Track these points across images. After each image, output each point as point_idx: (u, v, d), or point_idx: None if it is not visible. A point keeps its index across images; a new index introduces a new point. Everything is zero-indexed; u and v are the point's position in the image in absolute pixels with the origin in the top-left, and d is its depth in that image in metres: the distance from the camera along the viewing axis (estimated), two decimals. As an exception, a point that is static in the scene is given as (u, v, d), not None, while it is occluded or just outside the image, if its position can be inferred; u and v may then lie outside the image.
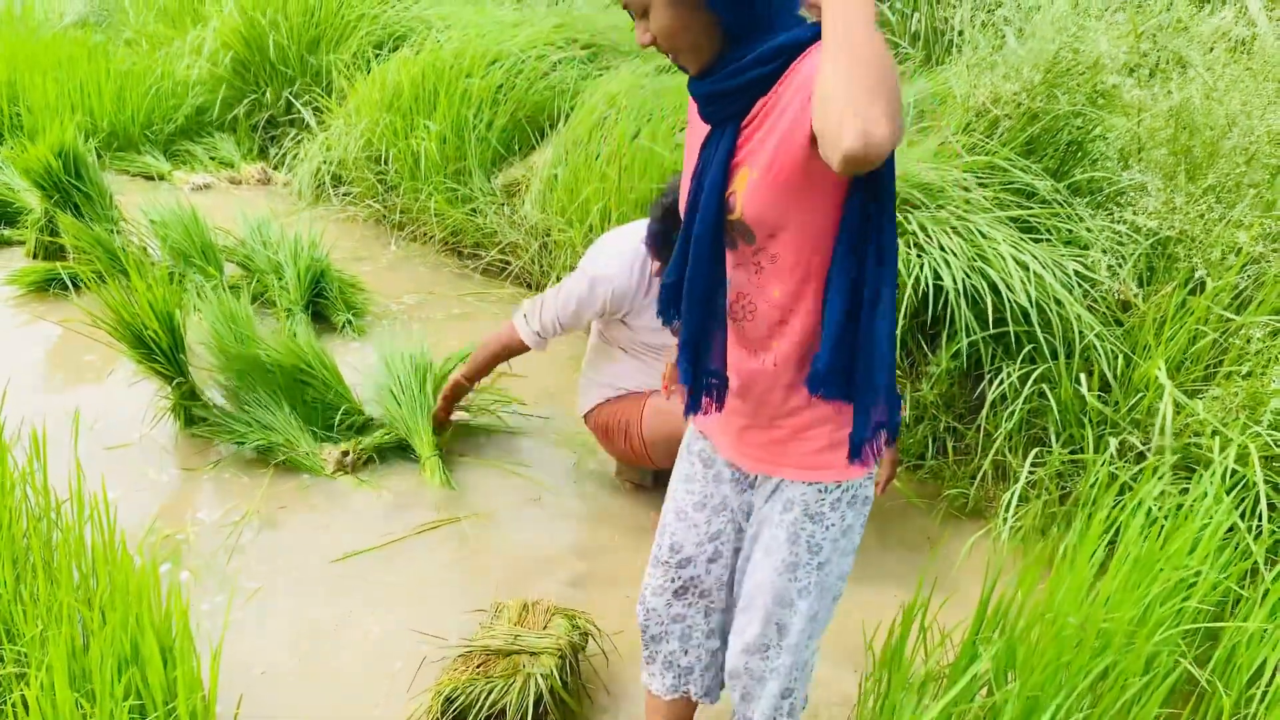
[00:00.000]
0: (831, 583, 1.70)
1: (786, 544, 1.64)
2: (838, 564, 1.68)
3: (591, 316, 2.78)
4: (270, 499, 2.85)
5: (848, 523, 1.65)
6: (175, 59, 6.27)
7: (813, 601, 1.68)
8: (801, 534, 1.63)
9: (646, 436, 2.79)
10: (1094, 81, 2.99)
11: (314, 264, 4.05)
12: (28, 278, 4.05)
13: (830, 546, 1.65)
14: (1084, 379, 2.74)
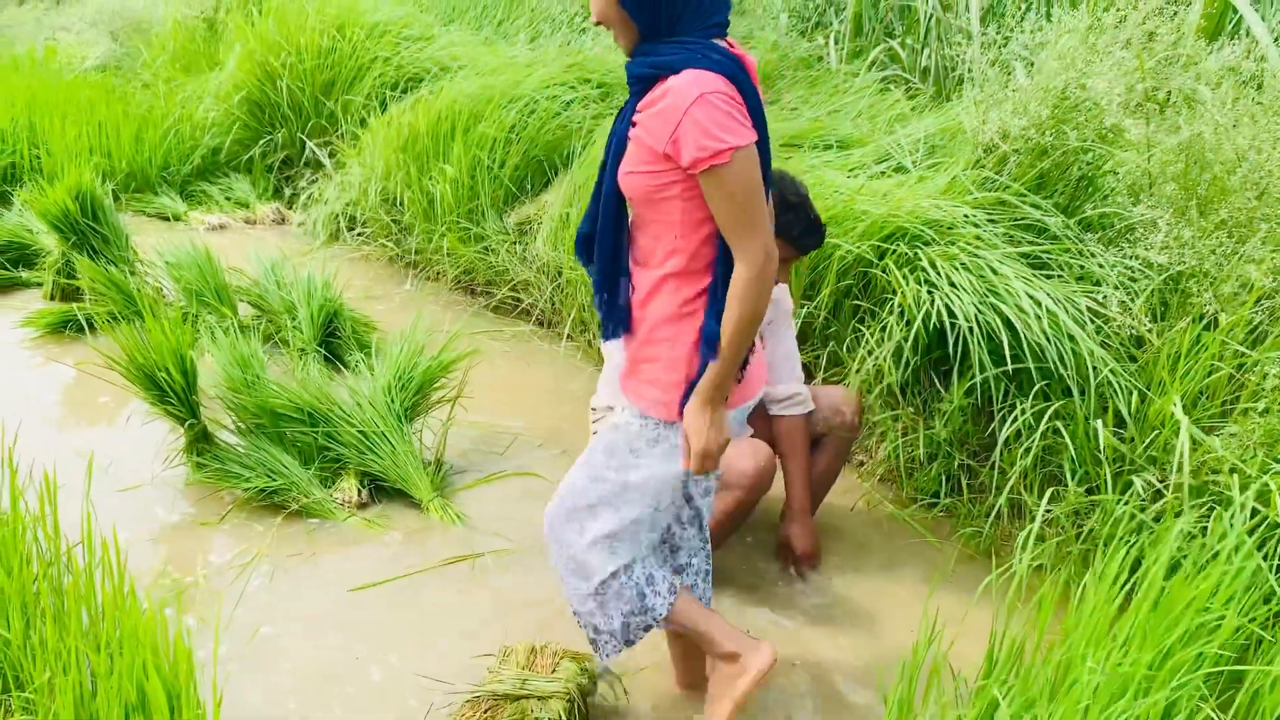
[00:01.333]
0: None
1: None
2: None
3: None
4: (280, 543, 2.85)
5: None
6: (192, 102, 6.35)
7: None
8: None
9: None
10: (1101, 117, 2.98)
11: (327, 304, 4.06)
12: (44, 319, 4.08)
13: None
14: (1099, 416, 2.72)
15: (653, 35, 1.77)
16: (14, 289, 4.55)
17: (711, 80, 1.69)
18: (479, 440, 3.45)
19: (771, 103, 4.92)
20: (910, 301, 2.98)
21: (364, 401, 3.14)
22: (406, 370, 3.25)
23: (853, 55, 5.54)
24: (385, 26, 5.83)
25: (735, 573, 2.82)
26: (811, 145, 4.22)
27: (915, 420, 3.09)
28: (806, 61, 5.44)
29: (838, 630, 2.62)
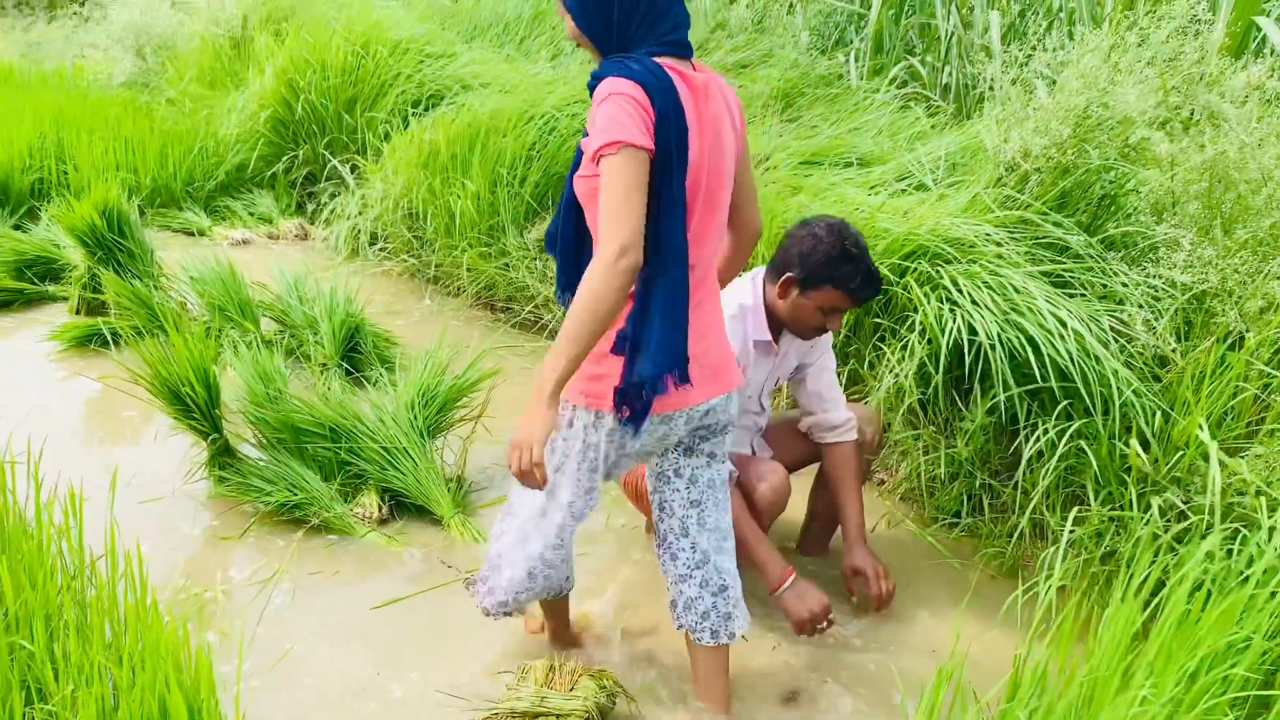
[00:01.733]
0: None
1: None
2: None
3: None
4: (300, 558, 2.86)
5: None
6: (216, 118, 6.42)
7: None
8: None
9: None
10: (1124, 135, 2.97)
11: (349, 319, 4.09)
12: (70, 333, 4.12)
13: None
14: (1122, 435, 2.70)
15: (606, 52, 1.91)
16: (41, 303, 4.60)
17: (622, 84, 1.80)
18: (499, 457, 3.45)
19: (792, 120, 4.93)
20: (932, 320, 2.97)
21: (386, 417, 3.15)
22: (430, 388, 3.26)
23: (873, 73, 5.54)
24: (408, 44, 5.88)
25: (754, 590, 2.80)
26: (832, 163, 4.23)
27: (936, 439, 3.08)
28: (827, 79, 5.45)
29: (858, 651, 2.60)
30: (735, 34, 5.94)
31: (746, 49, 5.81)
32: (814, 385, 2.73)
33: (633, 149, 1.77)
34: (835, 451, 2.73)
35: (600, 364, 1.96)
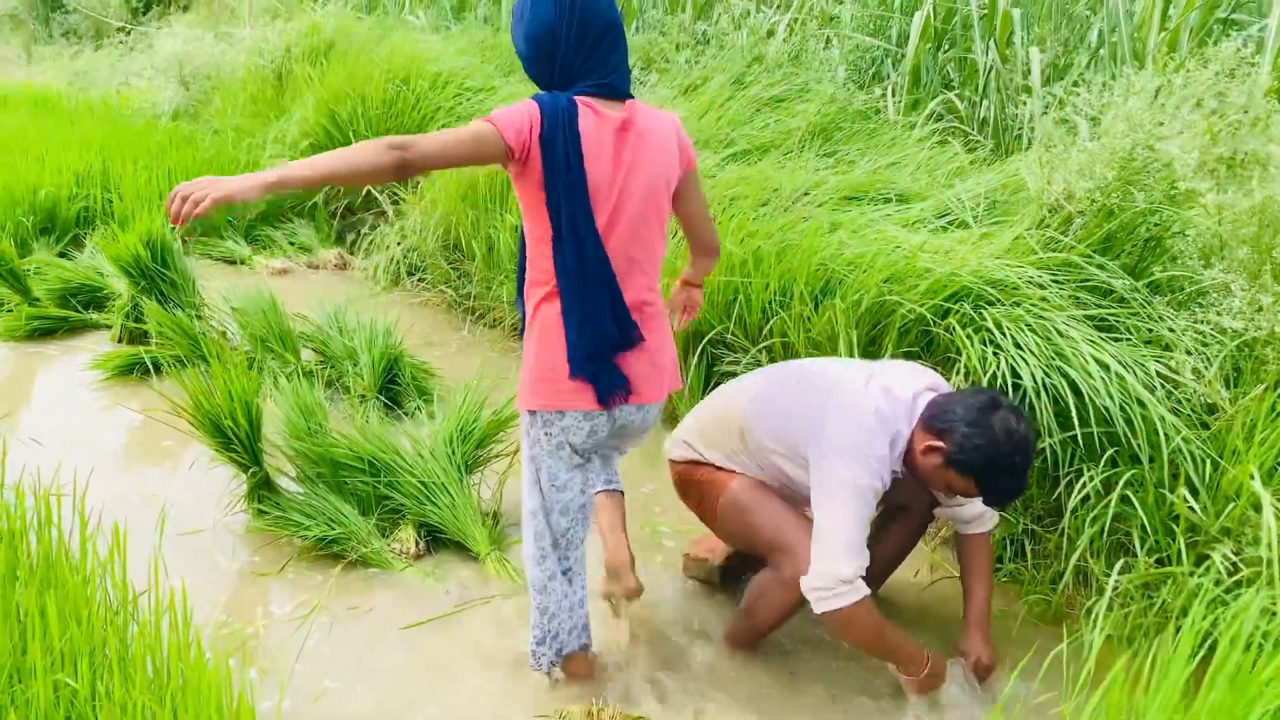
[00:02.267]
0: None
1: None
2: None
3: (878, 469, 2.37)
4: (338, 593, 2.86)
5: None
6: (259, 148, 6.52)
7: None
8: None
9: (721, 503, 2.66)
10: (1170, 180, 2.94)
11: (388, 350, 4.12)
12: (112, 362, 4.18)
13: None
14: (1170, 484, 2.65)
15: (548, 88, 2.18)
16: (84, 331, 4.66)
17: (528, 102, 2.10)
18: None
19: (829, 155, 4.92)
20: (975, 363, 2.94)
21: (425, 451, 3.16)
22: (468, 423, 3.26)
23: (910, 107, 5.54)
24: (448, 78, 5.94)
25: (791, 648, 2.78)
26: (871, 199, 4.21)
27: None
28: (864, 113, 5.45)
29: (898, 702, 2.56)
30: (771, 69, 5.95)
31: (783, 83, 5.82)
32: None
33: (491, 125, 2.04)
34: (972, 541, 2.64)
35: (527, 367, 2.27)
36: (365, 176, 1.96)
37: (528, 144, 2.07)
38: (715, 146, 5.08)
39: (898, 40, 5.92)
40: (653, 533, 3.28)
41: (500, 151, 2.06)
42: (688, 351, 3.89)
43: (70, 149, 6.32)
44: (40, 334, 4.57)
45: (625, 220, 2.19)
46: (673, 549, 3.18)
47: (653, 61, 6.66)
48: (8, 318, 4.58)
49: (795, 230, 3.80)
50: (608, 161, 2.14)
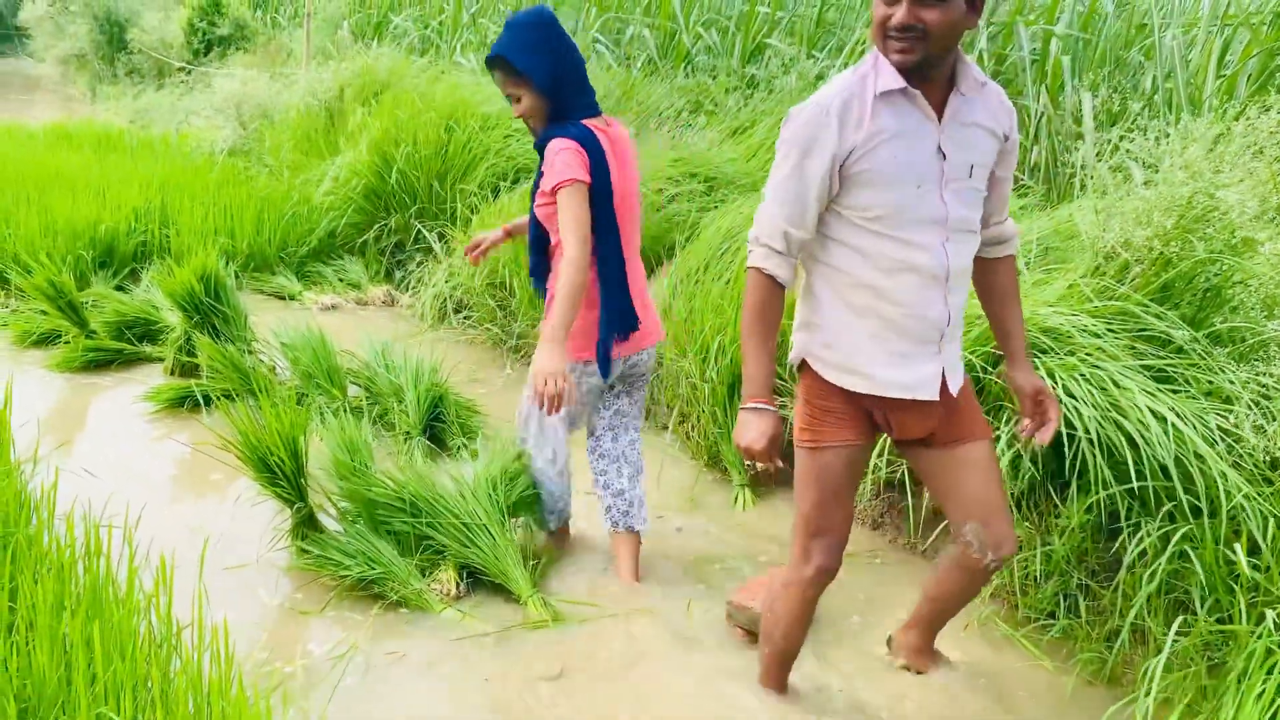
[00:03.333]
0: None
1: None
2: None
3: (817, 177, 2.12)
4: (377, 634, 2.85)
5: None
6: (311, 185, 6.63)
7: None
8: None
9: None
10: (1230, 228, 2.89)
11: (433, 388, 4.14)
12: (163, 395, 4.24)
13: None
14: (1230, 541, 2.57)
15: (556, 118, 2.80)
16: (138, 363, 4.74)
17: (567, 141, 2.73)
18: (577, 535, 3.43)
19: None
20: (1027, 412, 2.88)
21: (467, 493, 3.15)
22: (513, 468, 3.24)
23: (960, 152, 5.50)
24: (497, 119, 6.02)
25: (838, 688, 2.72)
26: (920, 244, 4.17)
27: (1031, 535, 2.97)
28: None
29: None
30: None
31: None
32: (1005, 186, 2.34)
33: (578, 184, 2.70)
34: (1003, 264, 2.41)
35: (581, 332, 2.90)
36: (584, 284, 2.73)
37: (589, 171, 2.74)
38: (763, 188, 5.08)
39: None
40: (695, 573, 3.24)
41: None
42: (733, 394, 3.86)
43: (130, 185, 6.47)
44: (95, 365, 4.65)
45: (628, 211, 2.91)
46: (720, 602, 3.14)
47: (701, 104, 6.70)
48: (65, 349, 4.67)
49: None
50: (615, 169, 2.82)
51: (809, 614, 2.50)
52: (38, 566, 2.47)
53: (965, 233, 2.19)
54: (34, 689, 2.01)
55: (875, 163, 2.09)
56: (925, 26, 1.99)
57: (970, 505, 2.39)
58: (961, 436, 2.36)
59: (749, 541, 3.51)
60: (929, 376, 2.24)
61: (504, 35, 2.82)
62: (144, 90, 13.36)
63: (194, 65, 12.57)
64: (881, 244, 2.15)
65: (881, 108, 2.08)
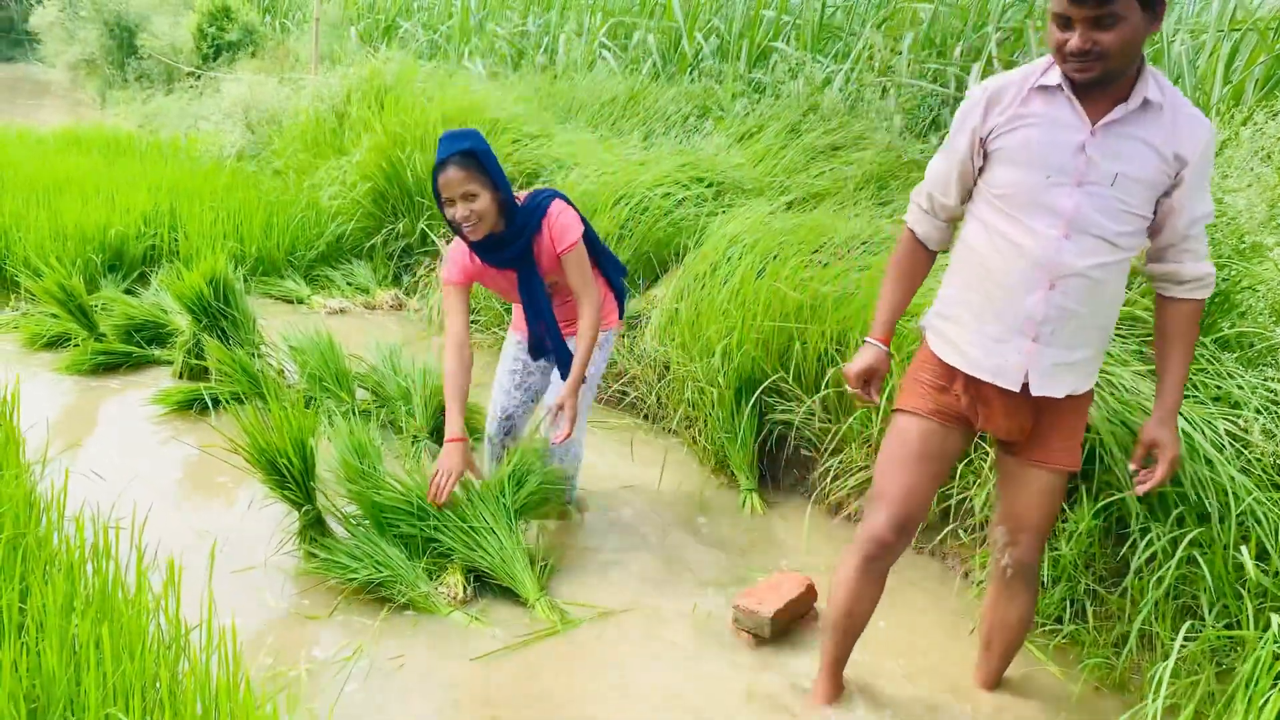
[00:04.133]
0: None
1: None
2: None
3: (960, 151, 2.29)
4: (384, 638, 2.85)
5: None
6: (318, 189, 6.65)
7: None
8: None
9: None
10: (1239, 234, 2.88)
11: (440, 391, 4.14)
12: (172, 397, 4.25)
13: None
14: (1239, 546, 2.56)
15: (508, 209, 3.10)
16: (147, 366, 4.75)
17: (562, 203, 3.20)
18: (586, 536, 3.43)
19: (884, 204, 4.91)
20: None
21: (475, 496, 3.16)
22: (521, 473, 3.24)
23: (968, 157, 5.49)
24: (505, 124, 6.03)
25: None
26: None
27: (1038, 540, 2.96)
28: (921, 163, 5.43)
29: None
30: (828, 117, 5.97)
31: (838, 132, 5.82)
32: (1182, 217, 2.20)
33: (583, 239, 3.18)
34: (1183, 307, 2.30)
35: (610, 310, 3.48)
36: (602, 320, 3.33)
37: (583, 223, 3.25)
38: (770, 194, 5.08)
39: (957, 88, 5.91)
40: (700, 583, 3.24)
41: None
42: (740, 399, 3.86)
43: (139, 189, 6.49)
44: (104, 368, 4.66)
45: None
46: (726, 601, 3.14)
47: (708, 109, 6.71)
48: (74, 352, 4.68)
49: (852, 278, 3.78)
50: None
51: (859, 584, 2.47)
52: (47, 567, 2.47)
53: (1094, 238, 2.16)
54: (43, 689, 2.02)
55: (1011, 143, 2.20)
56: (1102, 48, 2.04)
57: (1011, 516, 2.46)
58: (1043, 459, 2.39)
59: (756, 546, 3.51)
60: (1011, 366, 2.27)
61: (454, 140, 2.98)
62: (153, 95, 13.41)
63: (203, 70, 12.62)
64: (1001, 222, 2.24)
65: (1035, 96, 2.18)
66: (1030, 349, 2.26)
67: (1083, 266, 2.18)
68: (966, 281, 2.33)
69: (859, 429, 3.52)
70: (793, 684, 2.73)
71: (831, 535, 3.59)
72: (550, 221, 3.14)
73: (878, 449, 3.45)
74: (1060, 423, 2.37)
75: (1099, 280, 2.20)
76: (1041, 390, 2.29)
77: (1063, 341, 2.25)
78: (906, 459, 2.40)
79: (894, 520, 2.40)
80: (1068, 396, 2.31)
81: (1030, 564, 2.46)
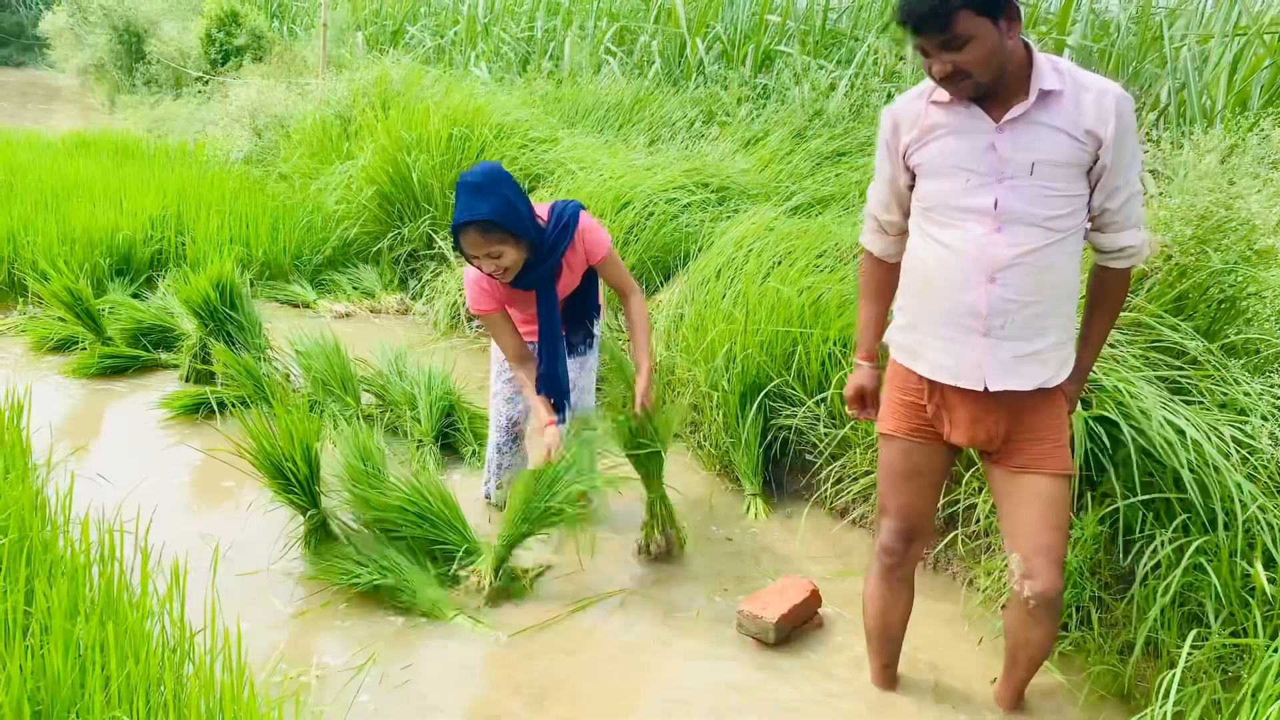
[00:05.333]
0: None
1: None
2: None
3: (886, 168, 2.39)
4: (390, 641, 2.85)
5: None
6: (324, 193, 6.66)
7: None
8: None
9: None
10: (1248, 239, 2.88)
11: (445, 396, 4.15)
12: (178, 402, 4.26)
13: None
14: (1245, 553, 2.55)
15: (536, 234, 3.06)
16: (154, 370, 4.77)
17: (588, 217, 3.23)
18: (589, 540, 3.43)
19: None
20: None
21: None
22: (540, 498, 3.21)
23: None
24: (512, 128, 6.04)
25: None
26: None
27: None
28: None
29: (959, 769, 2.48)
30: (833, 123, 5.97)
31: (844, 137, 5.83)
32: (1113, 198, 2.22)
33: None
34: (1115, 275, 2.35)
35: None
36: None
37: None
38: (776, 199, 5.09)
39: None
40: (707, 589, 3.24)
41: None
42: (745, 403, 3.86)
43: (147, 194, 6.52)
44: (111, 372, 4.68)
45: None
46: (732, 598, 3.14)
47: (714, 115, 6.72)
48: (81, 356, 4.70)
49: (855, 283, 3.78)
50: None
51: (885, 593, 2.61)
52: (52, 570, 2.48)
53: (1025, 226, 2.19)
54: (48, 692, 2.02)
55: (926, 157, 2.28)
56: (963, 68, 2.11)
57: (1018, 537, 2.40)
58: (1026, 464, 2.37)
59: (761, 550, 3.51)
60: (970, 364, 2.29)
61: (475, 200, 2.87)
62: (161, 100, 13.46)
63: (210, 75, 12.66)
64: (936, 230, 2.29)
65: (935, 110, 2.26)
66: (982, 344, 2.27)
67: (1015, 255, 2.20)
68: (915, 289, 2.38)
69: (863, 433, 3.52)
70: (796, 689, 2.73)
71: (836, 540, 3.59)
72: (581, 235, 3.18)
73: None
74: (1036, 422, 2.35)
75: (1042, 266, 2.21)
76: (1002, 384, 2.29)
77: (1017, 333, 2.25)
78: (895, 478, 2.52)
79: (897, 532, 2.54)
80: (1038, 391, 2.31)
81: (1052, 597, 2.38)
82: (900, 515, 2.52)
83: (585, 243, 3.20)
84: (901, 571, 2.58)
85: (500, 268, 2.99)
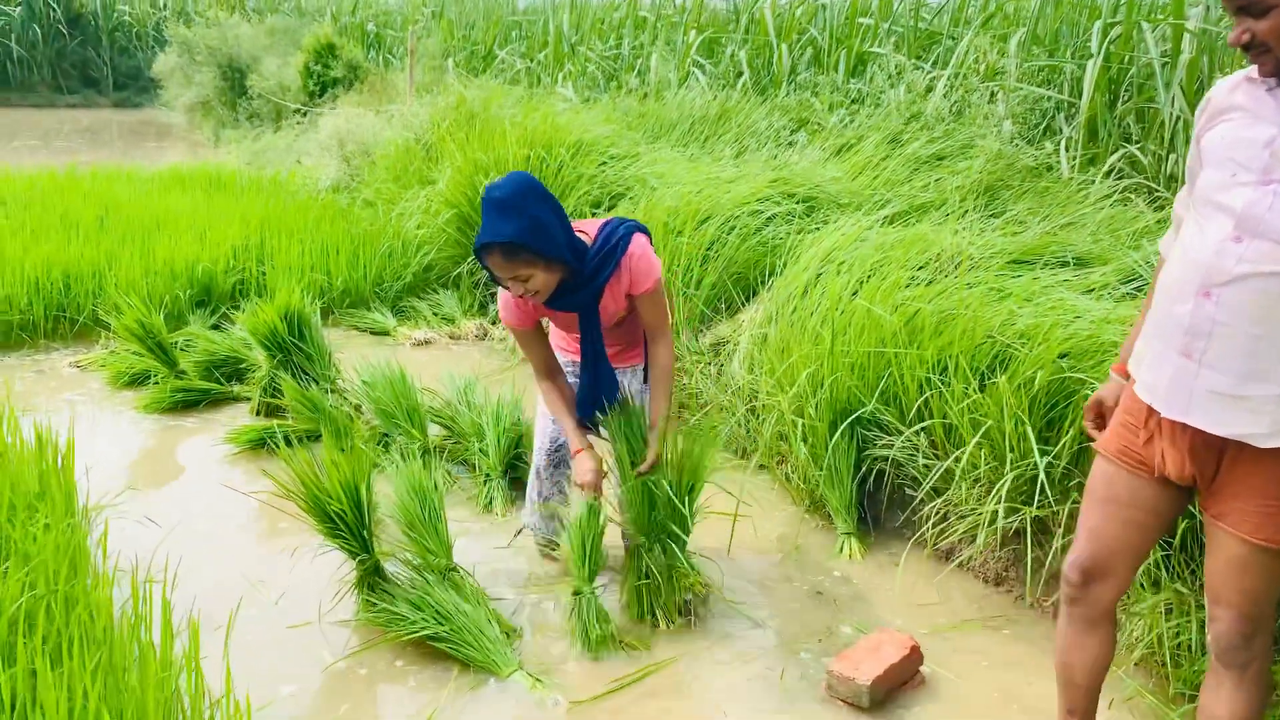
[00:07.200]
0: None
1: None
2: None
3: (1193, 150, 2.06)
4: (444, 698, 2.61)
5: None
6: (404, 218, 6.55)
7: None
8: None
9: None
10: None
11: (514, 427, 3.93)
12: (245, 436, 4.13)
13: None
14: None
15: (573, 257, 2.74)
16: (226, 403, 4.66)
17: (642, 238, 2.90)
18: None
19: (995, 215, 4.51)
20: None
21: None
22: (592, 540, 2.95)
23: (1086, 163, 5.05)
24: (590, 145, 5.83)
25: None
26: (1044, 263, 3.78)
27: (1186, 598, 2.55)
28: (1035, 170, 5.01)
29: None
30: (932, 125, 5.59)
31: (944, 140, 5.44)
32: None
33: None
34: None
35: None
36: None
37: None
38: (870, 208, 4.74)
39: (1071, 91, 5.45)
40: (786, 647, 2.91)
41: None
42: (832, 431, 3.52)
43: (232, 224, 6.51)
44: (184, 406, 4.59)
45: None
46: (819, 662, 2.81)
47: (805, 122, 6.40)
48: (154, 390, 4.62)
49: (956, 298, 3.41)
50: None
51: (1069, 632, 2.21)
52: (89, 625, 2.32)
53: (1273, 244, 1.78)
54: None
55: (1211, 140, 1.95)
56: (1260, 38, 1.79)
57: (1208, 582, 2.03)
58: (1222, 513, 1.95)
59: (854, 597, 3.16)
60: (1164, 383, 1.93)
61: (499, 219, 2.58)
62: (262, 133, 13.74)
63: (308, 107, 12.87)
64: (1188, 226, 1.98)
65: (1244, 89, 1.92)
66: (1177, 365, 1.90)
67: (1243, 272, 1.80)
68: (1155, 294, 2.05)
69: (969, 467, 3.14)
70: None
71: (940, 587, 3.21)
72: (630, 262, 2.84)
73: (989, 488, 3.08)
74: (1245, 477, 1.90)
75: (1275, 296, 1.78)
76: (1184, 416, 1.90)
77: (1220, 363, 1.84)
78: (1091, 499, 2.16)
79: (1077, 562, 2.15)
80: (1254, 447, 1.86)
81: (1231, 647, 1.98)
82: (1084, 541, 2.13)
83: (631, 270, 2.84)
84: (1084, 610, 2.15)
85: (529, 290, 2.70)
